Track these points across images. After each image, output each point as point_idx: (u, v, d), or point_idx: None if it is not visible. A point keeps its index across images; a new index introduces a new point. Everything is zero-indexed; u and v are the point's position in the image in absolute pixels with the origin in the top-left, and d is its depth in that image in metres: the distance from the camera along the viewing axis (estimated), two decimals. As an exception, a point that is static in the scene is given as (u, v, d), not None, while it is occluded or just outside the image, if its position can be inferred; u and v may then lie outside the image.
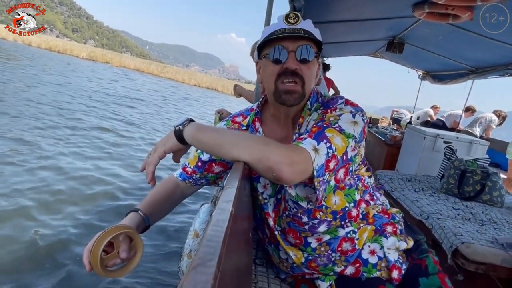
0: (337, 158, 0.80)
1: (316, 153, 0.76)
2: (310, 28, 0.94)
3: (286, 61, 0.91)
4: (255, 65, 1.05)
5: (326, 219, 0.93)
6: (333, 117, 0.87)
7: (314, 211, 0.92)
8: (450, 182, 2.56)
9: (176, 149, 0.86)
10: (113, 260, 0.84)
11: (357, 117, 0.88)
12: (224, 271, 0.32)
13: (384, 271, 1.00)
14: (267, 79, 0.97)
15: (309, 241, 0.97)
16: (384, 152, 4.57)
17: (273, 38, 0.91)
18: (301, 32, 0.90)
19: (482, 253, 1.63)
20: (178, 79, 30.70)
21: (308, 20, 0.97)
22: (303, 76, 0.92)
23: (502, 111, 5.40)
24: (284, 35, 0.90)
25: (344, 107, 0.91)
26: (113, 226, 0.84)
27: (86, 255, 0.81)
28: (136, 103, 11.04)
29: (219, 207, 0.45)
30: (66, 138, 5.28)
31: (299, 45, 0.91)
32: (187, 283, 0.26)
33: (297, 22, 0.91)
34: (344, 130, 0.83)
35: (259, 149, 0.75)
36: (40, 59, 18.52)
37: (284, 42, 0.91)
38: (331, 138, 0.80)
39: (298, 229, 0.96)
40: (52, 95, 8.57)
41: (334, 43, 5.29)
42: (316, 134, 0.81)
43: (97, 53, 31.91)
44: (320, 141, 0.79)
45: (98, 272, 0.81)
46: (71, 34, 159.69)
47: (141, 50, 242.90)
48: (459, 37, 3.45)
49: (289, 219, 0.96)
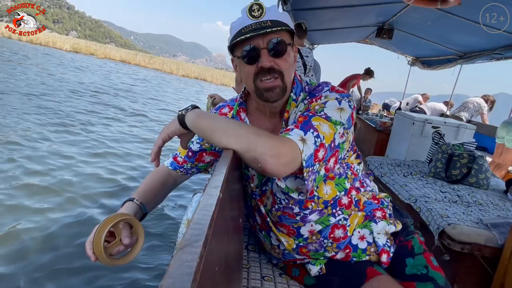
0: (325, 146, 0.80)
1: (304, 144, 0.76)
2: (276, 16, 0.88)
3: (259, 60, 0.88)
4: (231, 63, 1.02)
5: (318, 208, 0.94)
6: (318, 105, 0.86)
7: (305, 202, 0.93)
8: (437, 166, 2.61)
9: (178, 133, 0.87)
10: (117, 247, 0.85)
11: (343, 103, 0.87)
12: (211, 252, 0.33)
13: (374, 256, 1.02)
14: (245, 79, 0.95)
15: (302, 232, 0.98)
16: (374, 138, 4.62)
17: (242, 38, 0.87)
18: (268, 25, 0.86)
19: (467, 233, 1.68)
20: (166, 69, 29.96)
21: (273, 6, 0.93)
22: (280, 70, 0.89)
23: (490, 96, 5.41)
24: (252, 34, 0.85)
25: (329, 94, 0.90)
26: (111, 215, 0.84)
27: (89, 247, 0.82)
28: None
29: (207, 193, 0.46)
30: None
31: (269, 40, 0.87)
32: (174, 263, 0.27)
33: (262, 15, 0.86)
34: (330, 117, 0.82)
35: (247, 138, 0.75)
36: (26, 53, 17.94)
37: (254, 41, 0.87)
38: (318, 126, 0.79)
39: (290, 221, 0.97)
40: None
41: (323, 29, 5.27)
42: (302, 124, 0.80)
43: (80, 45, 30.84)
44: (307, 130, 0.78)
45: (103, 261, 0.82)
46: (52, 25, 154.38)
47: (125, 41, 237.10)
48: (448, 22, 3.47)
49: (280, 212, 0.97)
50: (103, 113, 7.28)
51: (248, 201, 1.10)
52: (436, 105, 6.20)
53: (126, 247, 0.87)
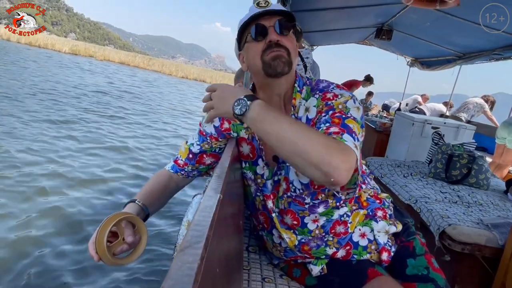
0: (359, 148, 0.82)
1: (357, 150, 0.78)
2: (281, 8, 0.97)
3: (267, 36, 0.93)
4: (238, 57, 1.05)
5: (327, 200, 0.96)
6: (341, 104, 0.88)
7: (317, 193, 0.95)
8: (437, 166, 2.61)
9: (228, 117, 0.84)
10: (120, 247, 0.84)
11: (356, 102, 0.90)
12: (211, 253, 0.33)
13: (374, 254, 1.03)
14: (253, 60, 0.96)
15: (306, 221, 0.99)
16: (374, 139, 4.62)
17: (250, 22, 0.94)
18: (274, 11, 0.93)
19: (468, 233, 1.68)
20: (165, 71, 29.98)
21: (277, 4, 1.00)
22: (286, 46, 0.93)
23: (489, 96, 5.41)
24: (260, 11, 0.92)
25: (342, 92, 0.93)
26: (112, 214, 0.83)
27: (92, 247, 0.81)
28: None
29: (207, 194, 0.46)
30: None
31: (275, 20, 0.93)
32: (175, 264, 0.27)
33: (268, 5, 0.94)
34: (357, 119, 0.85)
35: (319, 152, 0.70)
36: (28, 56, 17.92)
37: (261, 20, 0.93)
38: (354, 129, 0.81)
39: (298, 209, 0.98)
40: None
41: (323, 31, 5.28)
42: (345, 128, 0.81)
43: (79, 47, 30.71)
44: (353, 136, 0.79)
45: (107, 261, 0.80)
46: (51, 27, 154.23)
47: (124, 43, 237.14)
48: (447, 23, 3.47)
49: (290, 199, 0.98)
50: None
51: (249, 201, 1.10)
52: (435, 105, 6.21)
53: (130, 246, 0.86)
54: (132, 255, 0.87)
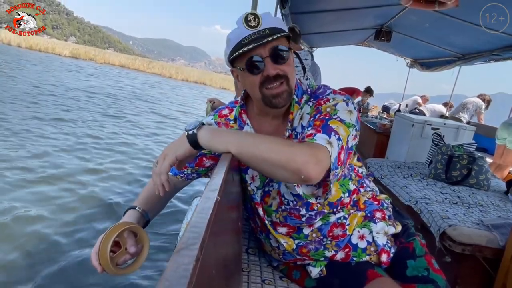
0: (344, 149, 0.81)
1: (331, 147, 0.77)
2: (272, 22, 0.88)
3: (264, 69, 0.88)
4: (232, 73, 1.01)
5: (323, 210, 0.95)
6: (330, 107, 0.87)
7: (312, 204, 0.93)
8: (438, 167, 2.60)
9: (189, 154, 0.82)
10: (123, 257, 0.85)
11: (350, 105, 0.89)
12: (208, 255, 0.33)
13: (374, 255, 1.02)
14: (250, 89, 0.95)
15: (301, 227, 0.99)
16: (374, 140, 4.62)
17: (244, 50, 0.86)
18: (267, 33, 0.85)
19: (468, 234, 1.68)
20: (166, 74, 29.89)
21: (267, 13, 0.92)
22: (286, 75, 0.90)
23: (486, 95, 5.44)
24: (254, 44, 0.85)
25: (336, 96, 0.92)
26: (115, 224, 0.84)
27: (95, 258, 0.81)
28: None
29: (205, 196, 0.46)
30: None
31: (271, 48, 0.87)
32: (170, 265, 0.27)
33: (259, 24, 0.85)
34: (344, 120, 0.84)
35: (283, 151, 0.73)
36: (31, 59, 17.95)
37: (255, 51, 0.87)
38: (337, 129, 0.81)
39: (295, 222, 0.97)
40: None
41: (322, 33, 5.29)
42: (322, 128, 0.80)
43: (80, 50, 30.68)
44: (330, 133, 0.79)
45: (110, 271, 0.81)
46: (51, 31, 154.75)
47: (124, 46, 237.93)
48: (446, 24, 3.48)
49: (286, 213, 0.97)
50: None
51: (248, 203, 1.10)
52: (435, 106, 6.21)
53: (132, 256, 0.86)
54: (134, 265, 0.88)
